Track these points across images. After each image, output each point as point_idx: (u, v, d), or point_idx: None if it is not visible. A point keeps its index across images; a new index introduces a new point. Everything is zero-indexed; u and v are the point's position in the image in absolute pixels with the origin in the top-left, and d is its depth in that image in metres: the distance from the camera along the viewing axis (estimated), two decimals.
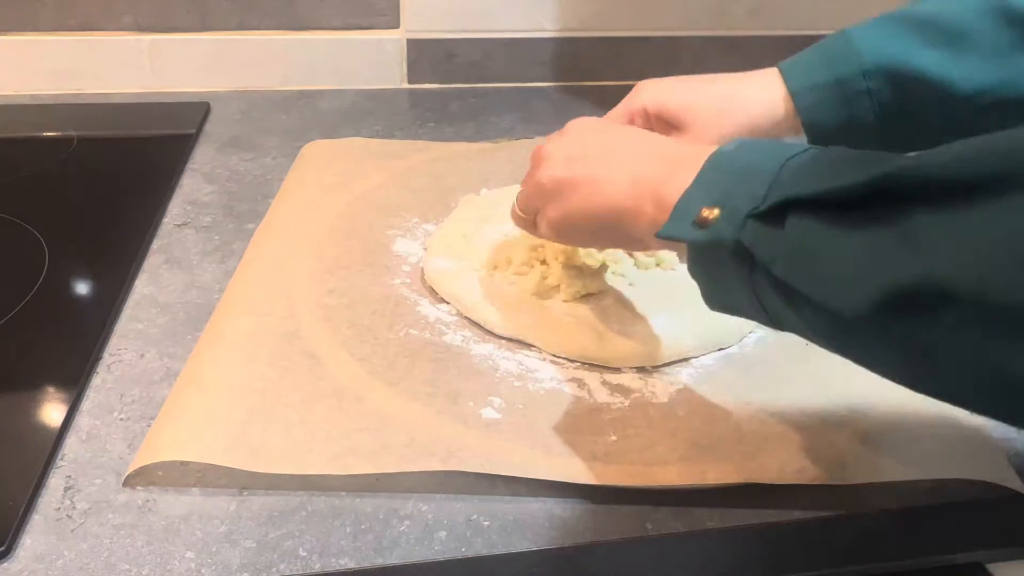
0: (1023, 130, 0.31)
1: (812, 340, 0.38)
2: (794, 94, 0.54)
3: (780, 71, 0.55)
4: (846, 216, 0.33)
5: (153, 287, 0.58)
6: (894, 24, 0.52)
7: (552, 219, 0.48)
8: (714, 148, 0.41)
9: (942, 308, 0.30)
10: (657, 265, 0.58)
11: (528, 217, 0.52)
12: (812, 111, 0.54)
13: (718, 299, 0.41)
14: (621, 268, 0.57)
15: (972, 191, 0.30)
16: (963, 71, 0.50)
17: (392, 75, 0.94)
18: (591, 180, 0.46)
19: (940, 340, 0.30)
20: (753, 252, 0.36)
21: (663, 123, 0.56)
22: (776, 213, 0.36)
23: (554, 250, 0.56)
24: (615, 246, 0.50)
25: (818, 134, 0.54)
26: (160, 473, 0.43)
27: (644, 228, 0.43)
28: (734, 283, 0.39)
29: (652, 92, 0.57)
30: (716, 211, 0.38)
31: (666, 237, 0.40)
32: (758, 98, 0.55)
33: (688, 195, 0.40)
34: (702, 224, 0.38)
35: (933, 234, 0.30)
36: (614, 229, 0.45)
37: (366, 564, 0.40)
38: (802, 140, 0.56)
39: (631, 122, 0.58)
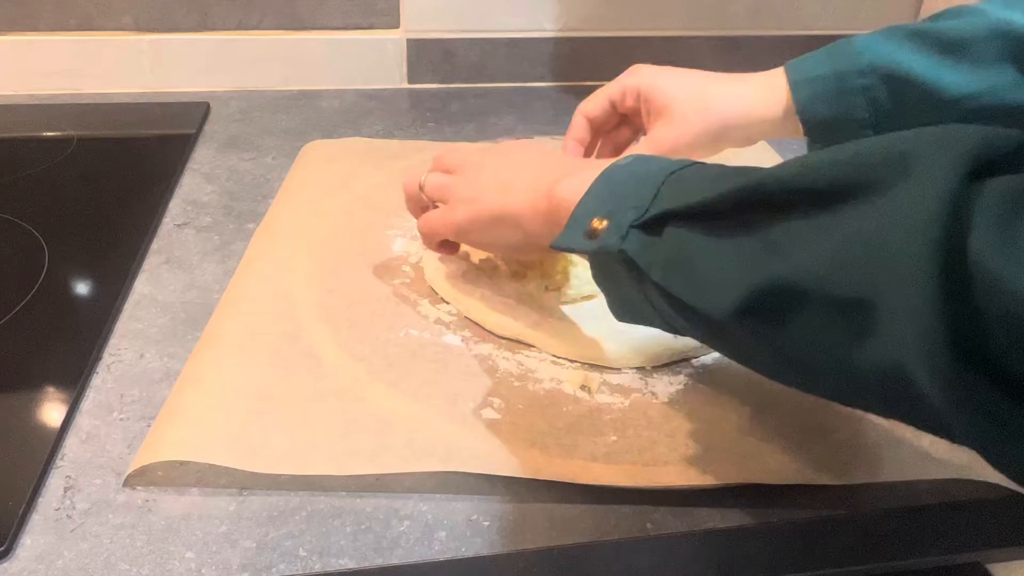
0: (868, 141, 0.34)
1: (701, 342, 0.42)
2: (793, 84, 0.56)
3: (786, 66, 0.57)
4: (715, 225, 0.36)
5: (153, 287, 0.58)
6: (895, 33, 0.55)
7: (459, 217, 0.51)
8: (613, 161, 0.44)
9: (796, 306, 0.32)
10: None
11: (425, 204, 0.55)
12: (808, 103, 0.55)
13: (621, 308, 0.44)
14: None
15: (821, 197, 0.32)
16: (953, 77, 0.53)
17: (392, 75, 0.94)
18: (500, 183, 0.49)
19: (797, 337, 0.33)
20: (636, 260, 0.39)
21: (649, 108, 0.58)
22: (656, 223, 0.39)
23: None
24: (513, 248, 0.52)
25: (814, 129, 0.56)
26: (160, 473, 0.43)
27: (539, 224, 0.46)
28: (631, 291, 0.42)
29: (647, 74, 0.59)
30: (605, 222, 0.41)
31: (560, 248, 0.43)
32: (754, 97, 0.57)
33: (581, 207, 0.42)
34: (592, 235, 0.41)
35: (787, 238, 0.33)
36: (513, 229, 0.48)
37: (366, 564, 0.40)
38: (802, 142, 0.57)
39: (622, 99, 0.60)
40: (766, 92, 0.57)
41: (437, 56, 0.94)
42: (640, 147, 0.58)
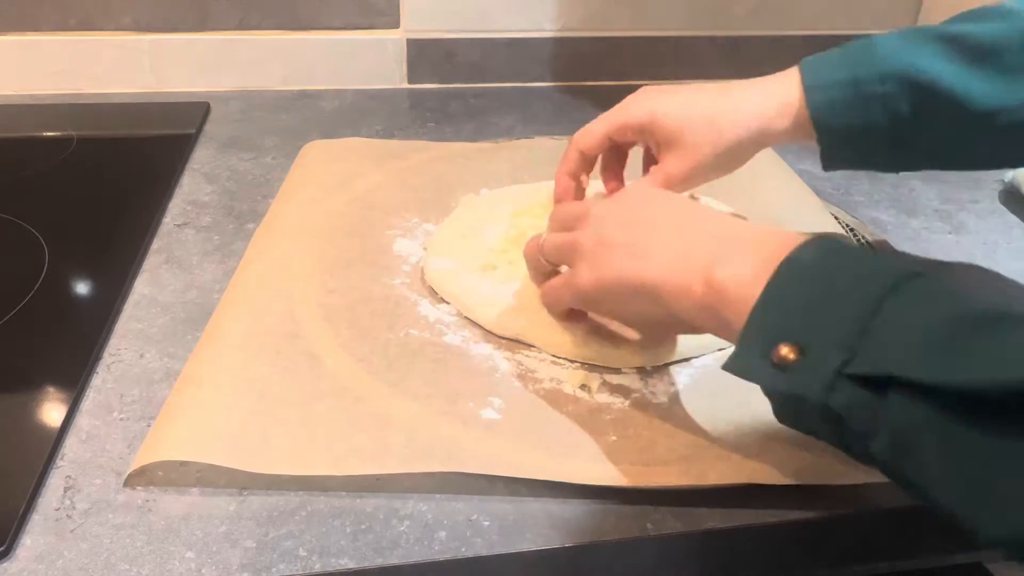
0: None
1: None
2: (808, 89, 0.52)
3: (800, 66, 0.53)
4: (969, 415, 0.27)
5: (153, 287, 0.58)
6: (920, 35, 0.51)
7: (583, 283, 0.45)
8: (785, 242, 0.36)
9: None
10: None
11: (547, 269, 0.50)
12: (823, 110, 0.51)
13: (796, 427, 0.37)
14: None
15: None
16: (984, 88, 0.49)
17: (392, 75, 0.94)
18: (631, 246, 0.43)
19: None
20: (847, 420, 0.31)
21: (656, 140, 0.54)
22: (876, 380, 0.30)
23: None
24: (651, 323, 0.46)
25: (829, 138, 0.52)
26: (160, 473, 0.43)
27: (689, 307, 0.39)
28: (821, 433, 0.35)
29: (647, 105, 0.54)
30: (796, 352, 0.33)
31: (736, 373, 0.36)
32: (766, 108, 0.53)
33: (758, 318, 0.35)
34: (780, 364, 0.33)
35: None
36: (652, 303, 0.42)
37: (366, 564, 0.40)
38: (813, 148, 0.54)
39: (622, 134, 0.55)
40: (778, 99, 0.52)
41: (437, 56, 0.94)
42: (651, 179, 0.54)
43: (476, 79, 0.95)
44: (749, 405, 0.48)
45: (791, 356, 0.33)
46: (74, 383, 0.49)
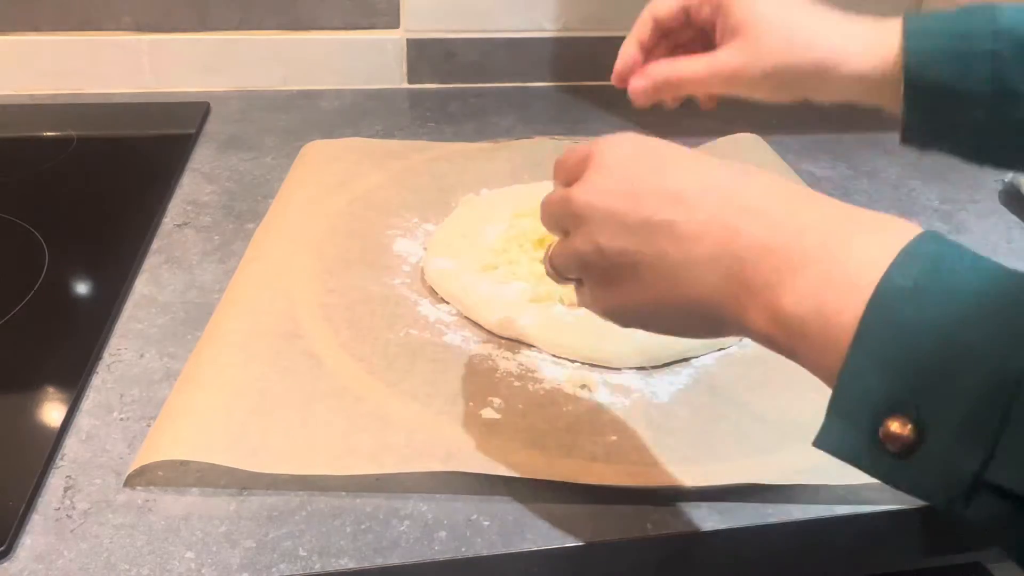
0: None
1: None
2: (908, 35, 0.45)
3: (904, 15, 0.47)
4: None
5: (153, 287, 0.58)
6: None
7: (607, 306, 0.36)
8: (872, 251, 0.27)
9: None
10: None
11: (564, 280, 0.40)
12: (922, 59, 0.45)
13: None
14: None
15: None
16: None
17: (392, 75, 0.94)
18: (657, 265, 0.32)
19: None
20: (984, 532, 0.25)
21: (724, 22, 0.49)
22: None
23: None
24: (703, 336, 0.36)
25: (919, 95, 0.46)
26: (160, 473, 0.43)
27: (754, 335, 0.31)
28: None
29: None
30: (913, 431, 0.25)
31: (833, 454, 0.27)
32: (852, 42, 0.47)
33: (851, 377, 0.26)
34: (892, 444, 0.25)
35: None
36: (701, 322, 0.33)
37: (366, 564, 0.40)
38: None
39: (699, 6, 0.50)
40: (870, 40, 0.46)
41: (437, 56, 0.94)
42: (697, 65, 0.49)
43: (476, 79, 0.95)
44: (749, 405, 0.49)
45: (906, 434, 0.25)
46: (74, 383, 0.49)
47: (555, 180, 0.40)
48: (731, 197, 0.31)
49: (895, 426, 0.25)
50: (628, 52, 0.54)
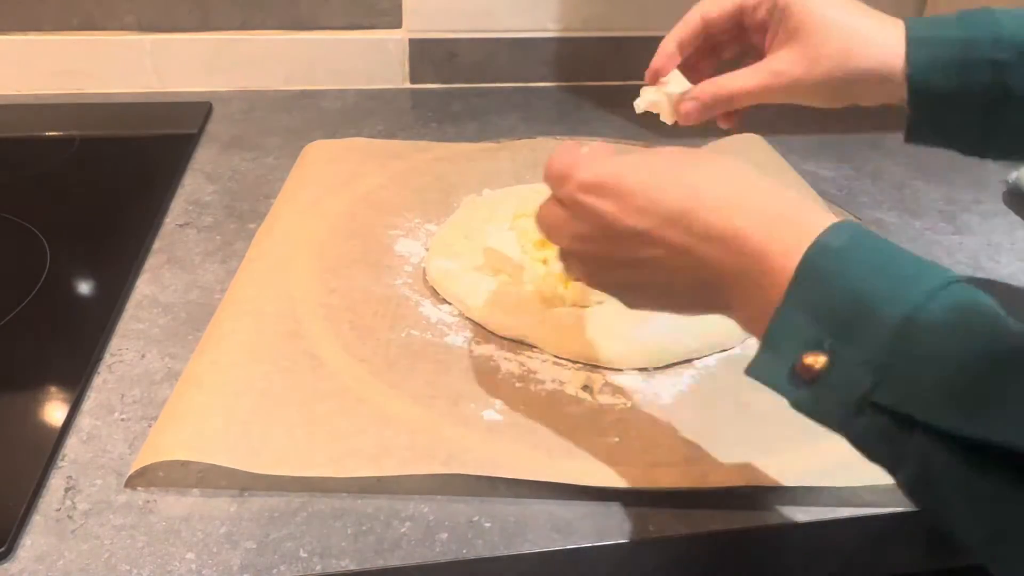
0: None
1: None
2: (911, 42, 0.46)
3: (906, 21, 0.48)
4: (990, 470, 0.27)
5: (154, 287, 0.58)
6: None
7: (613, 293, 0.40)
8: (808, 226, 0.33)
9: None
10: None
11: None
12: (924, 67, 0.46)
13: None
14: None
15: None
16: None
17: (394, 75, 0.94)
18: (648, 287, 0.38)
19: None
20: (869, 450, 0.31)
21: (781, 24, 0.49)
22: (902, 416, 0.29)
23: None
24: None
25: (923, 101, 0.47)
26: (161, 474, 0.43)
27: (760, 310, 0.34)
28: (844, 434, 0.33)
29: None
30: (823, 360, 0.31)
31: (759, 380, 0.33)
32: (884, 44, 0.47)
33: (784, 320, 0.32)
34: (805, 374, 0.31)
35: None
36: (704, 302, 0.37)
37: (367, 566, 0.40)
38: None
39: (755, 7, 0.50)
40: (894, 42, 0.47)
41: (439, 56, 0.94)
42: (749, 79, 0.49)
43: (478, 79, 0.95)
44: (751, 406, 0.48)
45: (816, 365, 0.31)
46: (75, 383, 0.49)
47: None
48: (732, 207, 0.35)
49: (810, 359, 0.31)
50: (667, 50, 0.53)
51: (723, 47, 0.54)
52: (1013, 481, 0.27)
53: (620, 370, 0.51)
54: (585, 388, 0.50)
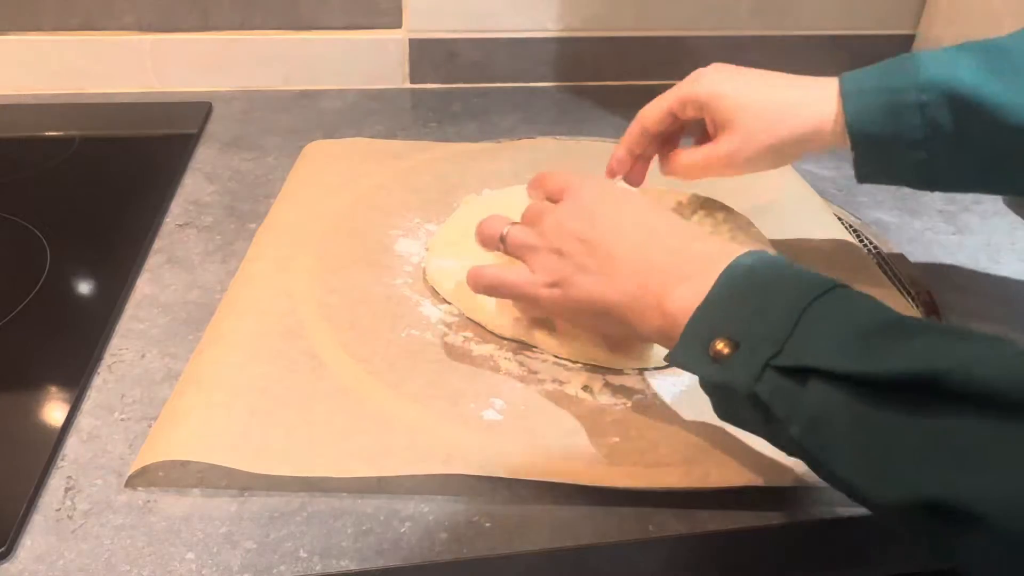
0: None
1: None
2: (845, 96, 0.51)
3: (841, 76, 0.53)
4: (876, 400, 0.32)
5: (154, 287, 0.58)
6: (962, 50, 0.50)
7: (547, 296, 0.47)
8: (727, 255, 0.40)
9: (970, 525, 0.29)
10: None
11: (498, 250, 0.51)
12: (860, 116, 0.51)
13: (730, 420, 0.41)
14: None
15: None
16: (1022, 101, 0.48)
17: (394, 75, 0.94)
18: (595, 272, 0.45)
19: (964, 551, 0.30)
20: (770, 407, 0.35)
21: (713, 119, 0.55)
22: (799, 372, 0.34)
23: None
24: (616, 336, 0.50)
25: (863, 146, 0.52)
26: (161, 474, 0.43)
27: (650, 332, 0.43)
28: (750, 422, 0.39)
29: (708, 83, 0.55)
30: (730, 347, 0.37)
31: (679, 366, 0.40)
32: (813, 108, 0.53)
33: (699, 317, 0.39)
34: (716, 357, 0.37)
35: (972, 448, 0.29)
36: (618, 325, 0.45)
37: (367, 565, 0.40)
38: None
39: (682, 109, 0.56)
40: (820, 104, 0.52)
41: (439, 56, 0.94)
42: (697, 156, 0.56)
43: (478, 79, 0.95)
44: None
45: (725, 350, 0.37)
46: (75, 383, 0.49)
47: (534, 192, 0.54)
48: (653, 242, 0.45)
49: (720, 344, 0.37)
50: (619, 158, 0.59)
51: (679, 132, 0.60)
52: (890, 411, 0.31)
53: (620, 370, 0.51)
54: (585, 388, 0.50)
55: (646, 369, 0.51)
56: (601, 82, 0.97)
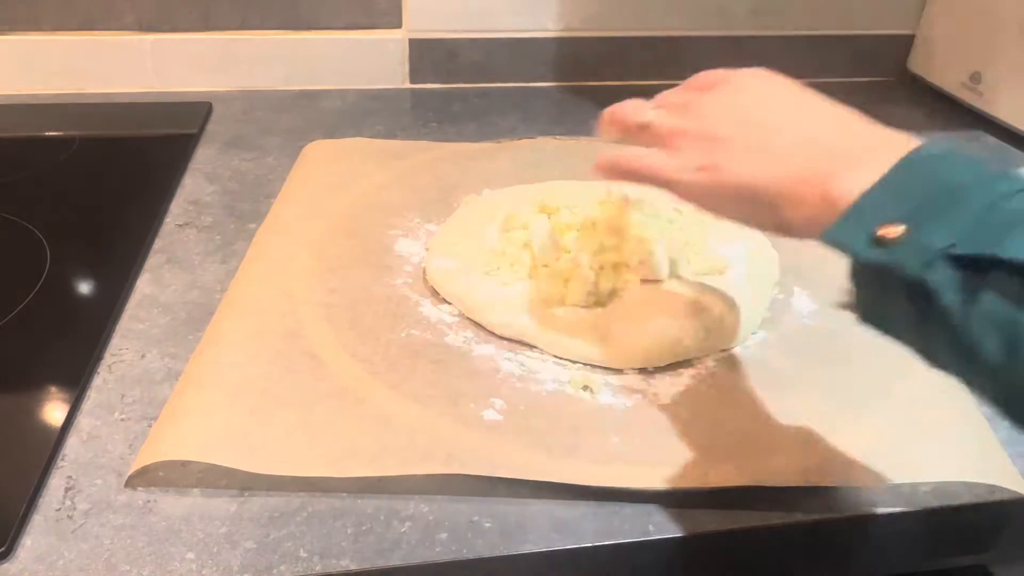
0: None
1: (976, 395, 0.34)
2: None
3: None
4: None
5: (155, 287, 0.58)
6: None
7: (695, 179, 0.42)
8: (905, 142, 0.36)
9: None
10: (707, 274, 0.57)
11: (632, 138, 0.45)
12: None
13: (875, 320, 0.37)
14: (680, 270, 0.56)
15: None
16: None
17: (394, 75, 0.94)
18: (755, 151, 0.40)
19: None
20: (940, 298, 0.32)
21: None
22: (979, 263, 0.31)
23: (590, 253, 0.55)
24: (761, 228, 0.42)
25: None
26: (161, 474, 0.43)
27: (801, 220, 0.38)
28: (900, 322, 0.35)
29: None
30: (901, 229, 0.33)
31: (834, 243, 0.35)
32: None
33: (870, 197, 0.34)
34: (881, 241, 0.33)
35: None
36: (765, 211, 0.39)
37: (367, 565, 0.40)
38: None
39: None
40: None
41: (439, 56, 0.94)
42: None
43: (478, 79, 0.95)
44: (752, 407, 0.48)
45: (894, 234, 0.33)
46: (75, 383, 0.49)
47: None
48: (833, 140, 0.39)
49: (890, 228, 0.33)
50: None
51: None
52: None
53: (620, 370, 0.51)
54: (585, 388, 0.50)
55: (646, 369, 0.51)
56: (601, 82, 0.97)
